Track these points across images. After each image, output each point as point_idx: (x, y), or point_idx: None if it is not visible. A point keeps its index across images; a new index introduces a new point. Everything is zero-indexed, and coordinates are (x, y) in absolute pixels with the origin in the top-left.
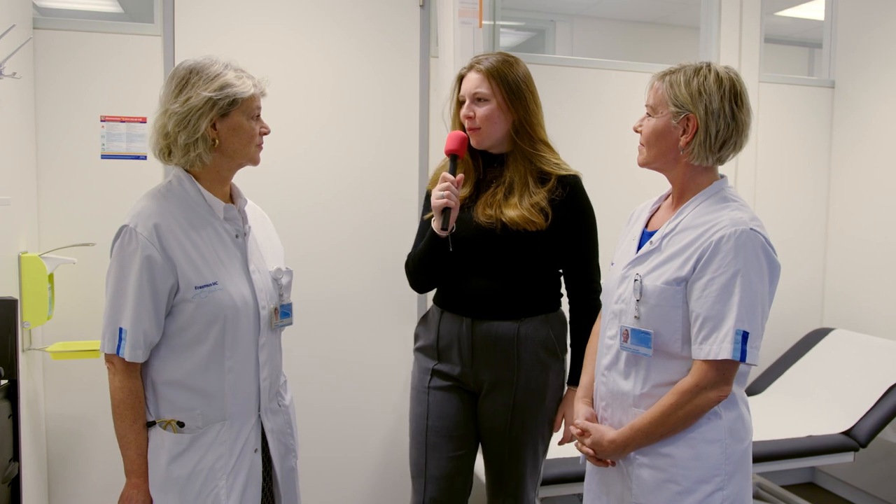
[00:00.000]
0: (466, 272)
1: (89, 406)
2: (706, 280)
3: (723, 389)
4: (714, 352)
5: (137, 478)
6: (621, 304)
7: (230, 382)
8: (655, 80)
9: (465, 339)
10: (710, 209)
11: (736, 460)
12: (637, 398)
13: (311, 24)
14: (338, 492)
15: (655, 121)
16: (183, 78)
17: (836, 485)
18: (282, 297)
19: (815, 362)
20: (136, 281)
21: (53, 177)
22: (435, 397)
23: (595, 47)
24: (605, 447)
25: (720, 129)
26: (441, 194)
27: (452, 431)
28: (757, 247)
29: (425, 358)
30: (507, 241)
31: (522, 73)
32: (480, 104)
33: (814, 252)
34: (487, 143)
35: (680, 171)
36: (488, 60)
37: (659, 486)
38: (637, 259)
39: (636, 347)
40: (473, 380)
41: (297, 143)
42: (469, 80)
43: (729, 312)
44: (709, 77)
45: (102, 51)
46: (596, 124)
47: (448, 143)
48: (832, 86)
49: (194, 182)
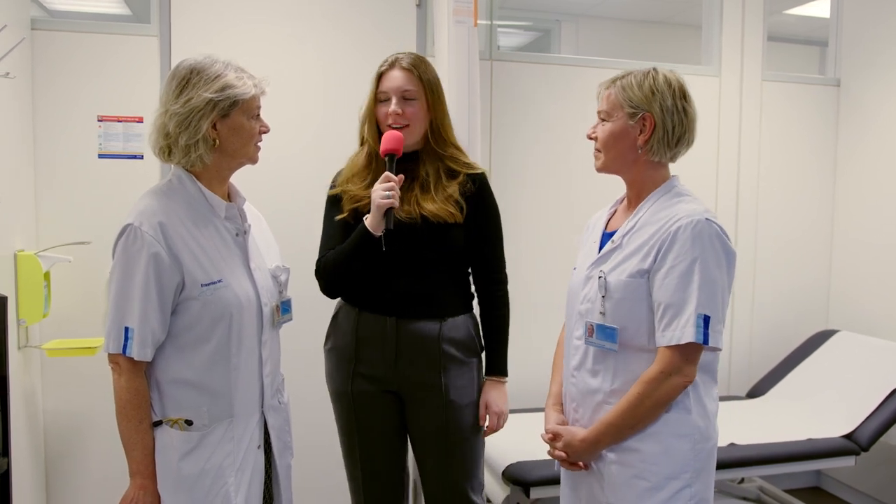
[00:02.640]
0: (389, 271)
1: (87, 403)
2: (666, 269)
3: (687, 374)
4: (677, 337)
5: (144, 478)
6: (587, 304)
7: (235, 380)
8: (604, 88)
9: (389, 340)
10: (665, 205)
11: (704, 457)
12: (607, 394)
13: (307, 23)
14: (328, 491)
15: (611, 124)
16: (184, 78)
17: (842, 489)
18: (281, 293)
19: (819, 364)
20: (142, 279)
21: (50, 176)
22: (360, 400)
23: (600, 47)
24: (576, 447)
25: (675, 123)
26: (387, 194)
27: (382, 430)
28: (712, 235)
29: (341, 360)
30: (430, 235)
31: (435, 73)
32: (409, 103)
33: (819, 253)
34: (412, 140)
35: (637, 171)
36: (409, 59)
37: (628, 483)
38: (600, 258)
39: (601, 342)
40: (396, 380)
41: (292, 142)
42: (394, 77)
43: (689, 298)
44: (657, 78)
45: (100, 51)
46: None
47: (385, 143)
48: (837, 84)
49: (195, 181)
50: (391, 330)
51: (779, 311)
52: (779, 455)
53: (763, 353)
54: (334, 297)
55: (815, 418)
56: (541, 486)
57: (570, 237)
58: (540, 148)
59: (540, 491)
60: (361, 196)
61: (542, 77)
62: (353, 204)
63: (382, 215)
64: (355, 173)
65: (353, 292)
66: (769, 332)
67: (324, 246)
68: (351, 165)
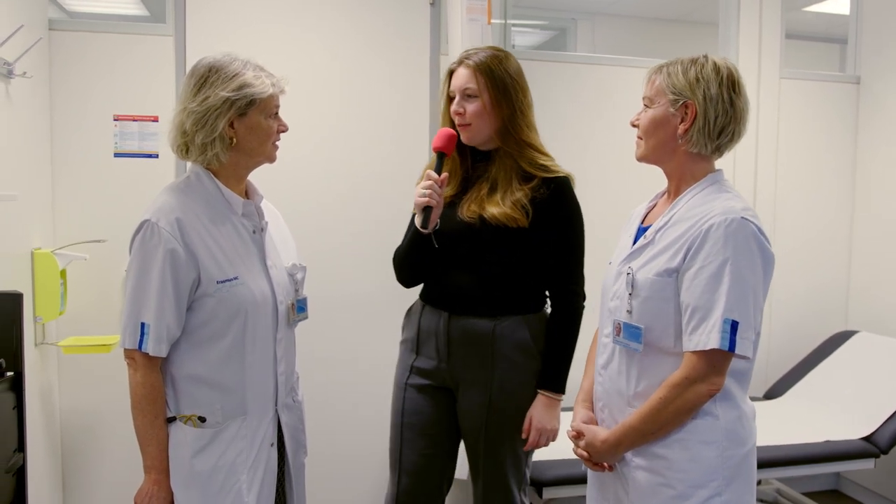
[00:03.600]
0: (447, 267)
1: (103, 401)
2: (696, 269)
3: (714, 382)
4: (703, 342)
5: (159, 473)
6: (616, 301)
7: (249, 377)
8: (652, 74)
9: (441, 334)
10: (703, 200)
11: (734, 465)
12: (632, 397)
13: (321, 22)
14: (342, 490)
15: (653, 111)
16: (202, 76)
17: (861, 492)
18: (297, 292)
19: (838, 366)
20: (158, 275)
21: (67, 174)
22: (411, 394)
23: (617, 45)
24: (597, 448)
25: (718, 114)
26: (423, 192)
27: (426, 429)
28: (748, 236)
29: (406, 352)
30: (488, 237)
31: (514, 69)
32: (470, 101)
33: (838, 252)
34: (476, 140)
35: (677, 161)
36: (478, 55)
37: (654, 490)
38: (631, 254)
39: (627, 342)
40: (449, 375)
41: (306, 142)
42: (458, 75)
43: (717, 302)
44: (706, 66)
45: (115, 51)
46: (616, 121)
47: (436, 140)
48: (857, 81)
49: (212, 178)
50: (444, 324)
51: (797, 311)
52: (797, 457)
53: (781, 354)
54: (407, 286)
55: (834, 420)
56: (554, 486)
57: (589, 234)
58: (556, 146)
59: (553, 491)
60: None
61: (557, 75)
62: None
63: (420, 212)
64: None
65: (422, 286)
66: (787, 333)
67: (403, 238)
68: (431, 162)
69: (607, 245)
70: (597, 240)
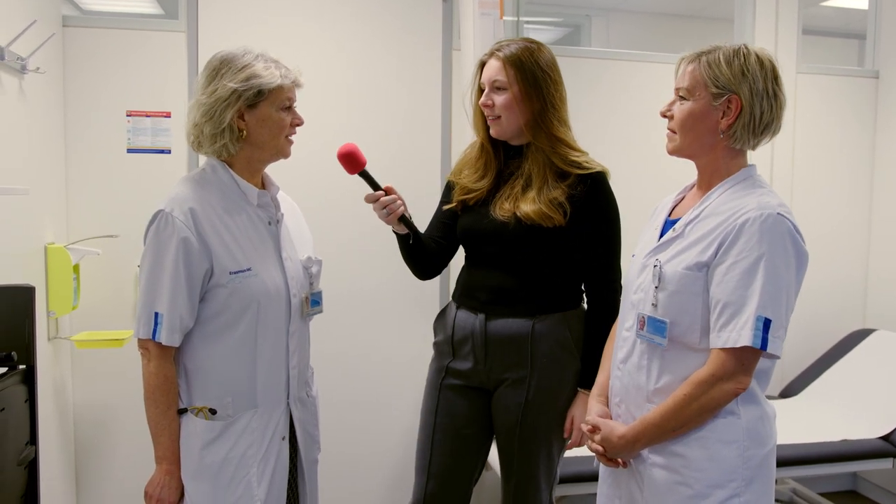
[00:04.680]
0: (481, 267)
1: (116, 396)
2: (728, 264)
3: (741, 381)
4: (733, 339)
5: (170, 464)
6: (640, 294)
7: (261, 369)
8: (687, 63)
9: (478, 336)
10: (736, 195)
11: (755, 465)
12: (651, 393)
13: (333, 18)
14: (355, 486)
15: (691, 104)
16: (214, 68)
17: (879, 493)
18: (312, 285)
19: (856, 364)
20: (172, 264)
21: (80, 170)
22: (446, 395)
23: (631, 42)
24: (614, 443)
25: (764, 109)
26: (384, 212)
27: (459, 430)
28: (784, 232)
29: (441, 353)
30: (521, 236)
31: (546, 61)
32: (499, 93)
33: (856, 249)
34: (507, 133)
35: (713, 156)
36: (510, 47)
37: (670, 489)
38: (659, 247)
39: (651, 336)
40: (487, 377)
41: (318, 137)
42: (489, 67)
43: (750, 298)
44: (749, 57)
45: (128, 47)
46: (631, 116)
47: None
48: (876, 76)
49: (227, 169)
50: (480, 326)
51: (814, 308)
52: (813, 456)
53: (797, 352)
54: (424, 279)
55: (851, 419)
56: (564, 483)
57: None
58: None
59: (563, 489)
60: (470, 188)
61: (570, 70)
62: (461, 195)
63: (399, 226)
64: (467, 164)
65: (456, 286)
66: (803, 331)
67: (427, 229)
68: (464, 156)
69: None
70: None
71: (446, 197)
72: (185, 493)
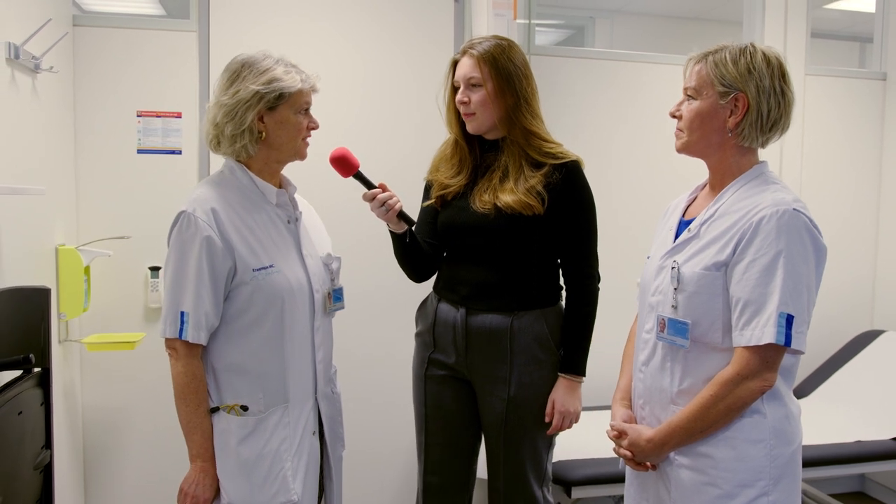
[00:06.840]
0: (461, 261)
1: (126, 399)
2: (747, 262)
3: (766, 378)
4: (756, 337)
5: (205, 461)
6: (658, 296)
7: (289, 364)
8: (694, 63)
9: (459, 330)
10: (750, 192)
11: (782, 464)
12: (675, 394)
13: (345, 18)
14: (370, 485)
15: (699, 103)
16: (235, 71)
17: (888, 494)
18: (333, 281)
19: (864, 365)
20: (195, 264)
21: (91, 171)
22: (431, 386)
23: (635, 44)
24: (642, 447)
25: (771, 107)
26: (381, 210)
27: (448, 419)
28: (801, 227)
29: (423, 344)
30: (503, 226)
31: (517, 57)
32: (474, 90)
33: (864, 250)
34: (482, 128)
35: (723, 155)
36: (482, 45)
37: (698, 490)
38: (675, 248)
39: (673, 338)
40: (468, 370)
41: (330, 137)
42: (462, 65)
43: (771, 295)
44: (755, 55)
45: (139, 47)
46: (636, 117)
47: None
48: (884, 78)
49: (245, 170)
50: (461, 320)
51: (822, 309)
52: (823, 457)
53: (806, 354)
54: (419, 282)
55: (861, 420)
56: (582, 485)
57: (610, 228)
58: (577, 141)
59: (581, 491)
60: (447, 184)
61: (579, 71)
62: (439, 191)
63: (397, 223)
64: (443, 161)
65: (436, 278)
66: (812, 332)
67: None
68: (439, 153)
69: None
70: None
71: (426, 197)
72: (220, 490)
